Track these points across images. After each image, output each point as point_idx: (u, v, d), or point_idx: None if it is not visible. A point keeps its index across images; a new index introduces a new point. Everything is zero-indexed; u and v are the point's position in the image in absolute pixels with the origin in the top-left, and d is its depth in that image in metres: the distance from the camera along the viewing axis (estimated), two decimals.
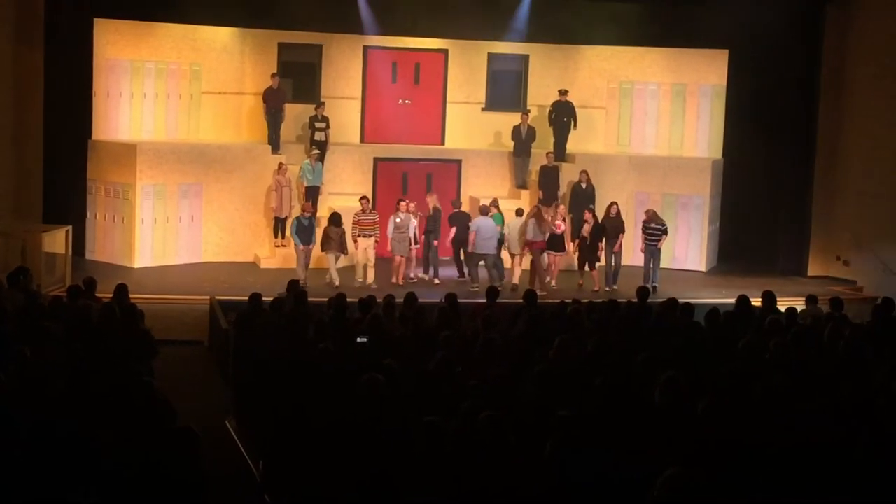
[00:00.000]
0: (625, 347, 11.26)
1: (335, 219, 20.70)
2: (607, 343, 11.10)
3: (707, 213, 23.56)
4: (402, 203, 21.21)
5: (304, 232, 20.69)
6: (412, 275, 21.41)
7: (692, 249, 23.66)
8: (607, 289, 21.19)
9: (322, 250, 20.73)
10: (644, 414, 8.57)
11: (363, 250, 20.81)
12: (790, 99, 23.77)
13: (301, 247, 20.65)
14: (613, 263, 21.55)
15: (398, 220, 20.97)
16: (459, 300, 15.02)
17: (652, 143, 24.74)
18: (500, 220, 21.41)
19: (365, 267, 20.82)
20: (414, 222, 21.10)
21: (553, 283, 21.33)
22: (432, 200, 21.78)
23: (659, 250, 21.61)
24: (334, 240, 20.49)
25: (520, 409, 8.75)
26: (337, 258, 20.68)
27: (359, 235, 20.83)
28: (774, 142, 23.86)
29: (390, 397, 8.97)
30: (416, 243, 21.16)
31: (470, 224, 21.01)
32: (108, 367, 10.10)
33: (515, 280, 21.14)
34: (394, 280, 20.94)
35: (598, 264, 21.45)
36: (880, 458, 7.72)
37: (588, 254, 21.41)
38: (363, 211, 20.99)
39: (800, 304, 15.95)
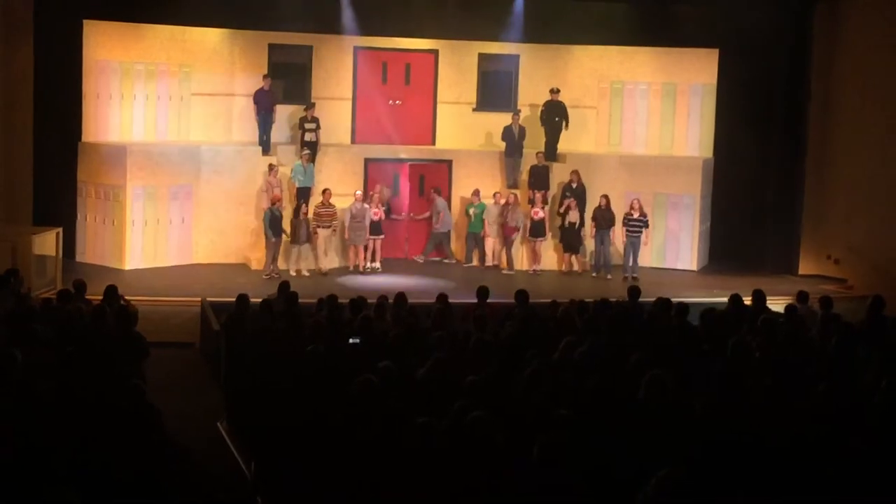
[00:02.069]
0: (616, 347, 11.26)
1: (295, 209, 21.74)
2: (600, 344, 11.09)
3: (698, 212, 23.57)
4: (359, 193, 22.17)
5: (277, 223, 21.24)
6: (368, 265, 22.35)
7: (683, 249, 23.68)
8: (594, 274, 22.52)
9: (291, 242, 21.57)
10: (635, 414, 8.58)
11: (323, 240, 21.78)
12: (780, 97, 23.81)
13: (273, 239, 21.14)
14: (603, 254, 22.44)
15: (354, 209, 21.84)
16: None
17: (643, 143, 24.74)
18: (483, 207, 22.95)
19: (323, 255, 21.90)
20: (371, 210, 22.02)
21: (537, 268, 22.81)
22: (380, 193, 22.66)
23: (640, 243, 22.16)
24: (301, 230, 21.52)
25: (511, 410, 8.75)
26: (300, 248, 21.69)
27: (318, 226, 21.69)
28: (765, 140, 23.92)
29: (383, 398, 8.96)
30: (376, 234, 22.16)
31: (438, 204, 23.09)
32: (98, 369, 10.08)
33: (489, 261, 23.22)
34: (351, 269, 22.03)
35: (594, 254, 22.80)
36: (870, 456, 7.73)
37: (571, 240, 22.58)
38: (322, 203, 21.80)
39: (786, 302, 15.93)
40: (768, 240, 24.17)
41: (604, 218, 22.35)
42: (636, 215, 22.26)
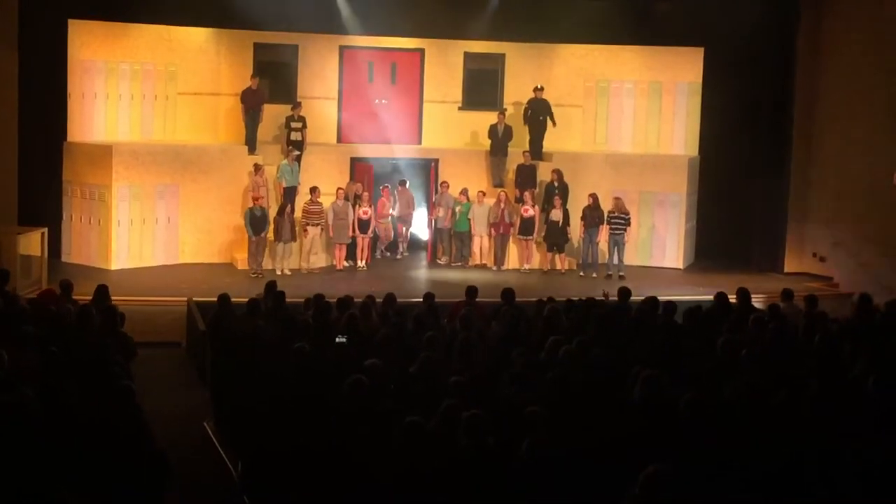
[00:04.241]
0: (604, 346, 11.27)
1: (280, 208, 21.66)
2: (587, 342, 11.10)
3: (684, 210, 23.63)
4: (340, 190, 22.19)
5: (257, 222, 21.17)
6: (359, 263, 22.49)
7: (669, 247, 23.73)
8: (581, 274, 22.49)
9: (274, 240, 21.56)
10: (623, 412, 8.59)
11: (310, 238, 21.79)
12: (765, 96, 23.86)
13: (254, 238, 21.16)
14: (591, 253, 22.43)
15: (336, 208, 21.94)
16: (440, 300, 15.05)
17: (629, 141, 24.78)
18: (468, 207, 22.82)
19: (309, 253, 21.89)
20: (361, 209, 22.04)
21: (528, 267, 22.82)
22: (352, 189, 22.65)
23: (623, 241, 22.25)
24: (284, 228, 21.45)
25: (498, 409, 8.76)
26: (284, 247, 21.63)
27: (307, 224, 21.72)
28: (750, 139, 23.99)
29: (372, 397, 8.97)
30: (363, 231, 22.18)
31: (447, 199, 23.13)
32: (86, 369, 10.05)
33: (476, 260, 23.10)
34: (338, 267, 22.15)
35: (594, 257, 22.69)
36: (859, 454, 7.76)
37: (556, 238, 22.58)
38: (311, 201, 21.84)
39: (772, 300, 15.99)
40: (754, 238, 24.25)
41: (592, 216, 22.39)
42: (617, 213, 22.30)
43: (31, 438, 7.62)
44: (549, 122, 23.84)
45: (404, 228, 23.72)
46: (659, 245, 23.76)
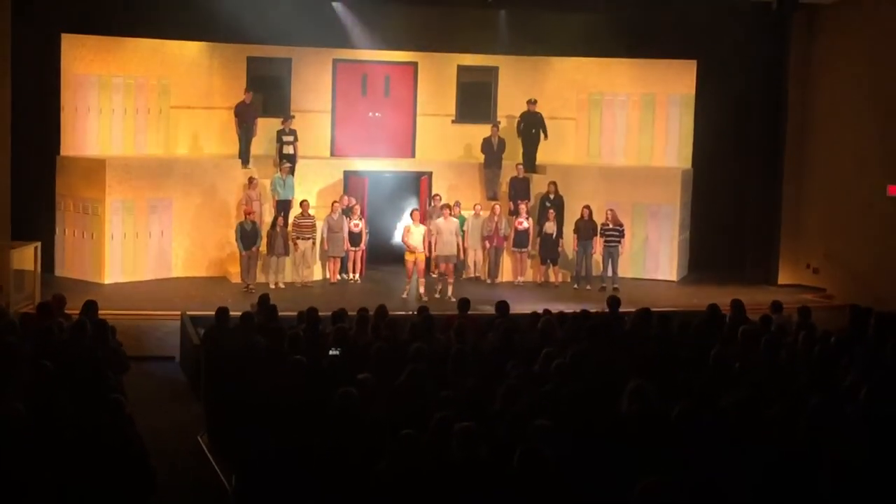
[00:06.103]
0: (597, 357, 11.26)
1: (273, 222, 21.67)
2: (580, 354, 11.09)
3: (677, 222, 23.65)
4: (336, 203, 22.07)
5: (247, 237, 21.16)
6: (351, 276, 22.44)
7: (663, 259, 23.75)
8: (575, 286, 22.50)
9: (267, 254, 21.54)
10: (616, 424, 8.59)
11: (301, 252, 21.70)
12: (758, 108, 23.93)
13: (244, 252, 21.07)
14: (585, 265, 22.42)
15: (331, 221, 21.87)
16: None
17: (622, 154, 24.83)
18: (462, 220, 22.42)
19: (302, 266, 21.85)
20: (351, 221, 21.96)
21: (522, 279, 22.79)
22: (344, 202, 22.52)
23: (617, 253, 22.25)
24: (277, 242, 21.45)
25: (492, 421, 8.75)
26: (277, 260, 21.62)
27: (297, 238, 21.60)
28: (743, 151, 24.06)
29: (363, 411, 8.94)
30: (354, 245, 22.11)
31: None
32: (78, 384, 10.02)
33: (470, 273, 22.84)
34: (332, 280, 22.13)
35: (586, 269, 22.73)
36: (850, 465, 7.77)
37: (549, 250, 22.57)
38: (302, 214, 21.75)
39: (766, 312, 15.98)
40: (747, 249, 24.29)
41: (586, 228, 22.41)
42: (611, 225, 22.31)
43: (20, 452, 7.59)
44: (542, 135, 23.85)
45: (451, 264, 21.42)
46: (652, 257, 23.78)
